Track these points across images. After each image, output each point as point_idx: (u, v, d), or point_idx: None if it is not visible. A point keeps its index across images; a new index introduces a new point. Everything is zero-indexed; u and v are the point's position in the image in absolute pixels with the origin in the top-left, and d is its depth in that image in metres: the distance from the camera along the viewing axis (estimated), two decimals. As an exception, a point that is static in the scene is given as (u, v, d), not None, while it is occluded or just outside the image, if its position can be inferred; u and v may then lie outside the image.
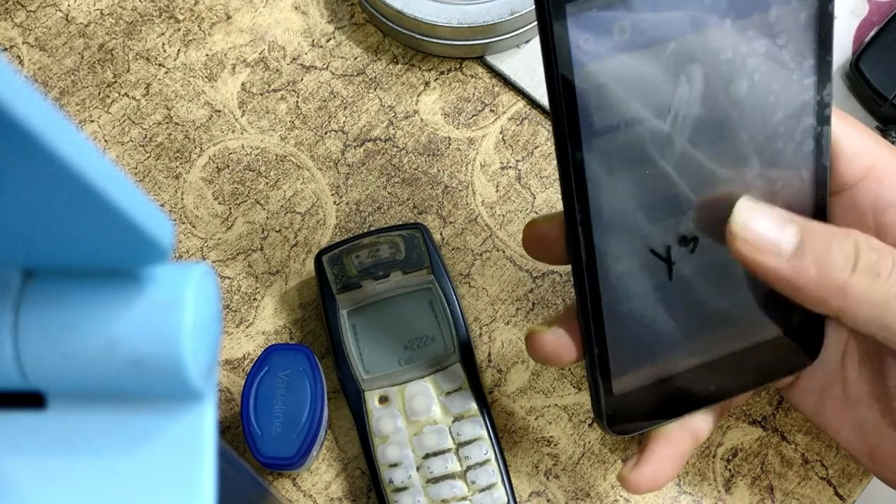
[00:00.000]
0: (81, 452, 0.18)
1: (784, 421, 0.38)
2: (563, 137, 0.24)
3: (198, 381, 0.17)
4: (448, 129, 0.42)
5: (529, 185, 0.41)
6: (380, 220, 0.41)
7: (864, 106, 0.42)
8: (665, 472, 0.30)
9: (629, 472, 0.30)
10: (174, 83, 0.43)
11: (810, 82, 0.26)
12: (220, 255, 0.40)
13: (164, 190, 0.41)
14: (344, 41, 0.43)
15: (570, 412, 0.38)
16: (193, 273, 0.18)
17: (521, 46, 0.43)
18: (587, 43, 0.23)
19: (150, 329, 0.17)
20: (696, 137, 0.25)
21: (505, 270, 0.40)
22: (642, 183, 0.25)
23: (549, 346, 0.29)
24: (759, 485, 0.37)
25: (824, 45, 0.25)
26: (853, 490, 0.37)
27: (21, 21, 0.44)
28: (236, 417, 0.38)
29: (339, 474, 0.37)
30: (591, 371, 0.28)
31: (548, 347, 0.29)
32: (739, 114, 0.25)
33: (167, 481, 0.18)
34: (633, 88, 0.24)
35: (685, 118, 0.25)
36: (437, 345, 0.37)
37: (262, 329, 0.39)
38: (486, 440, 0.35)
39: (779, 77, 0.25)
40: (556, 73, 0.23)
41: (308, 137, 0.42)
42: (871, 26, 0.43)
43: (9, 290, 0.17)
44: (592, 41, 0.23)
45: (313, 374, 0.34)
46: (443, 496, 0.34)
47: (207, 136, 0.42)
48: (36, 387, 0.18)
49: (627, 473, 0.30)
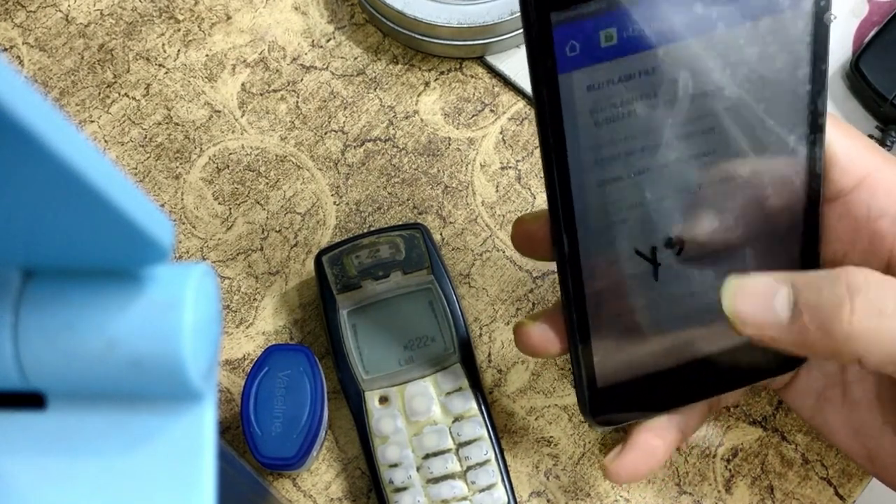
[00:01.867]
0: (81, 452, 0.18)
1: (784, 421, 0.38)
2: (548, 140, 0.24)
3: (198, 381, 0.17)
4: (448, 129, 0.42)
5: (529, 185, 0.41)
6: (380, 220, 0.41)
7: (864, 106, 0.41)
8: (646, 464, 0.30)
9: (611, 462, 0.30)
10: (174, 83, 0.43)
11: (805, 91, 0.25)
12: (220, 256, 0.40)
13: (164, 190, 0.41)
14: (344, 41, 0.43)
15: (570, 412, 0.38)
16: (193, 273, 0.18)
17: (521, 47, 0.43)
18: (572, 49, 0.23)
19: (150, 329, 0.17)
20: (686, 142, 0.25)
21: (505, 270, 0.40)
22: (629, 186, 0.26)
23: (534, 338, 0.30)
24: (760, 485, 0.37)
25: (819, 55, 0.25)
26: (853, 490, 0.37)
27: (21, 21, 0.44)
28: (236, 417, 0.38)
29: (339, 474, 0.37)
30: (576, 364, 0.29)
31: (533, 340, 0.30)
32: (731, 120, 0.25)
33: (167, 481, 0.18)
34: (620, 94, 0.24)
35: (674, 124, 0.25)
36: (437, 345, 0.37)
37: (262, 329, 0.39)
38: (487, 440, 0.35)
39: (772, 85, 0.25)
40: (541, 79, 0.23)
41: (308, 137, 0.42)
42: (871, 26, 0.43)
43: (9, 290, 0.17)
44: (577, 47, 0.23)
45: (313, 375, 0.34)
46: (443, 496, 0.34)
47: (207, 137, 0.42)
48: (36, 387, 0.18)
49: (609, 463, 0.30)
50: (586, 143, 0.24)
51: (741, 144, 0.26)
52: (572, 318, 0.28)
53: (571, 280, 0.27)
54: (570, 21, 0.22)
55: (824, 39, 0.25)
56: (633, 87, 0.24)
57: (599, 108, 0.24)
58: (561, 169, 0.25)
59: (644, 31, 0.23)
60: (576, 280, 0.27)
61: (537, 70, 0.23)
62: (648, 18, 0.23)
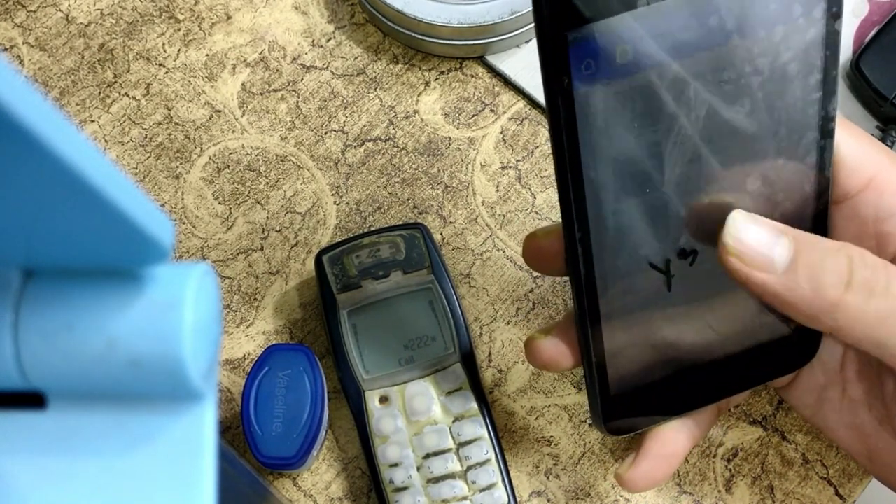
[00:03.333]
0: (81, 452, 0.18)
1: (784, 421, 0.38)
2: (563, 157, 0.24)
3: (198, 381, 0.17)
4: (448, 128, 0.42)
5: (530, 185, 0.41)
6: (380, 220, 0.41)
7: (865, 106, 0.41)
8: (661, 471, 0.30)
9: (625, 471, 0.30)
10: (174, 83, 0.43)
11: (816, 97, 0.25)
12: (221, 255, 0.40)
13: (165, 190, 0.41)
14: (344, 41, 0.43)
15: (570, 412, 0.38)
16: (194, 273, 0.18)
17: (521, 46, 0.43)
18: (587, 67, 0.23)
19: (151, 329, 0.17)
20: (698, 153, 0.25)
21: (505, 270, 0.40)
22: (643, 200, 0.25)
23: (546, 353, 0.30)
24: (760, 485, 0.37)
25: (831, 62, 0.25)
26: (853, 490, 0.37)
27: (21, 21, 0.44)
28: (236, 417, 0.38)
29: (340, 474, 0.37)
30: (589, 376, 0.28)
31: (545, 355, 0.30)
32: (743, 130, 0.25)
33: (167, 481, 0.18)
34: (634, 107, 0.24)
35: (687, 135, 0.25)
36: (437, 345, 0.37)
37: (263, 329, 0.39)
38: (487, 440, 0.35)
39: (784, 94, 0.25)
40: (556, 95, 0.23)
41: (308, 137, 0.42)
42: (872, 26, 0.43)
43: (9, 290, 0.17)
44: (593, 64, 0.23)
45: (313, 374, 0.34)
46: (443, 496, 0.34)
47: (208, 136, 0.42)
48: (36, 387, 0.18)
49: (624, 472, 0.30)
50: (602, 159, 0.24)
51: (753, 153, 0.26)
52: (587, 332, 0.27)
53: (587, 295, 0.27)
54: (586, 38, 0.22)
55: (835, 46, 0.25)
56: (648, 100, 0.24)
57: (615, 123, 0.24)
58: (576, 185, 0.25)
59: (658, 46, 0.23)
60: (590, 295, 0.27)
61: (552, 86, 0.23)
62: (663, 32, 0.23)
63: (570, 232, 0.25)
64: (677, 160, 0.25)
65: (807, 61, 0.25)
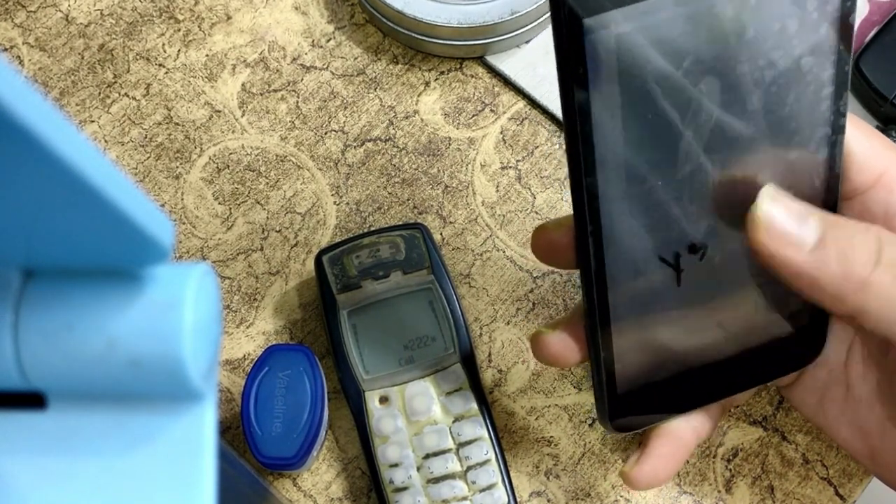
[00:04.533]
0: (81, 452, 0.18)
1: (784, 421, 0.38)
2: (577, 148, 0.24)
3: (198, 381, 0.17)
4: (448, 129, 0.42)
5: (530, 185, 0.41)
6: (380, 220, 0.41)
7: (865, 105, 0.41)
8: (666, 469, 0.30)
9: (630, 469, 0.30)
10: (174, 83, 0.43)
11: (827, 92, 0.25)
12: (221, 256, 0.40)
13: (165, 190, 0.41)
14: (344, 41, 0.43)
15: (570, 412, 0.38)
16: (193, 273, 0.18)
17: (521, 46, 0.43)
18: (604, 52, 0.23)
19: (151, 329, 0.17)
20: (711, 149, 0.25)
21: (505, 270, 0.40)
22: (656, 191, 0.25)
23: (553, 347, 0.29)
24: (760, 485, 0.37)
25: (844, 56, 0.25)
26: (854, 490, 0.37)
27: (21, 21, 0.44)
28: (236, 417, 0.38)
29: (340, 474, 0.37)
30: (597, 372, 0.28)
31: (552, 349, 0.29)
32: (756, 125, 0.25)
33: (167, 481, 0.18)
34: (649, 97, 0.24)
35: (700, 132, 0.25)
36: (437, 345, 0.37)
37: (263, 329, 0.39)
38: (487, 440, 0.35)
39: (798, 88, 0.25)
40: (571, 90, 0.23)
41: (308, 137, 0.42)
42: (872, 26, 0.43)
43: (9, 290, 0.17)
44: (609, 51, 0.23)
45: (313, 374, 0.34)
46: (443, 496, 0.34)
47: (207, 137, 0.42)
48: (36, 387, 0.18)
49: (629, 470, 0.30)
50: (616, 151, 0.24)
51: (765, 148, 0.26)
52: (595, 327, 0.27)
53: (596, 289, 0.27)
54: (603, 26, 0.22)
55: (849, 40, 0.25)
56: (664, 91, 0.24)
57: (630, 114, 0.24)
58: (589, 177, 0.24)
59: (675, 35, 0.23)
60: (600, 288, 0.27)
61: (567, 74, 0.23)
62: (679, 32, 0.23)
63: (582, 225, 0.25)
64: (691, 153, 0.25)
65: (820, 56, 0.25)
